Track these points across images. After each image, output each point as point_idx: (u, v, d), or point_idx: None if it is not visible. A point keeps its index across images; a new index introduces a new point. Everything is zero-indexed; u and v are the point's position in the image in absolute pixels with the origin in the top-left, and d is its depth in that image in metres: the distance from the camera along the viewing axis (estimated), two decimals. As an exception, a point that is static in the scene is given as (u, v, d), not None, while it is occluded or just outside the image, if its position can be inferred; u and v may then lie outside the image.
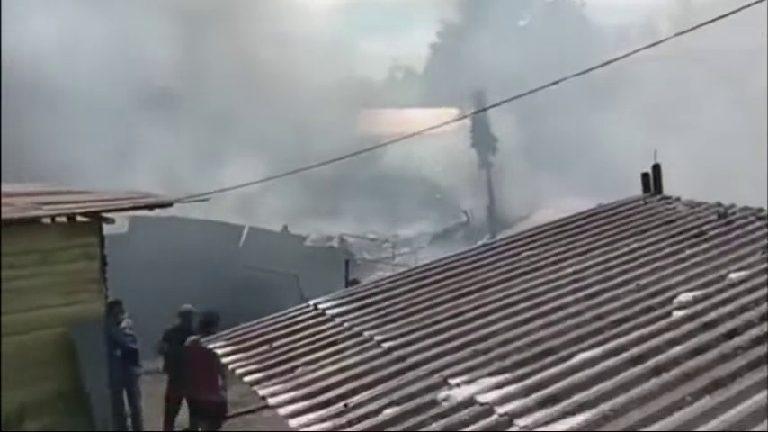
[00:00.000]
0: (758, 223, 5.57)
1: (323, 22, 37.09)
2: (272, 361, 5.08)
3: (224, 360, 5.41)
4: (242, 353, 5.36)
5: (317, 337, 5.27)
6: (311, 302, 5.87)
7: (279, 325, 5.64)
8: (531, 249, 6.18)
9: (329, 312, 5.62)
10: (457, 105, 30.76)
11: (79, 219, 8.41)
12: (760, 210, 5.75)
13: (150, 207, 9.68)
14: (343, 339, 5.12)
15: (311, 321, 5.56)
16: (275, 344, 5.32)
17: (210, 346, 5.71)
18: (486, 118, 28.92)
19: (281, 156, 23.67)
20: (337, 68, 34.89)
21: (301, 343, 5.22)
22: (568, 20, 40.85)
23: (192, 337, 8.92)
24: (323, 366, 4.78)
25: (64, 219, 8.30)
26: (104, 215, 8.55)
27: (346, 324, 5.36)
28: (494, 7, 41.55)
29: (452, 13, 46.10)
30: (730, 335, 4.11)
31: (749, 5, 5.45)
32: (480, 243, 8.23)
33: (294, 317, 5.72)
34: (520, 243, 6.38)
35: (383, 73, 46.60)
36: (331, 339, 5.17)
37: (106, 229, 8.65)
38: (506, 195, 30.80)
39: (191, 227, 15.72)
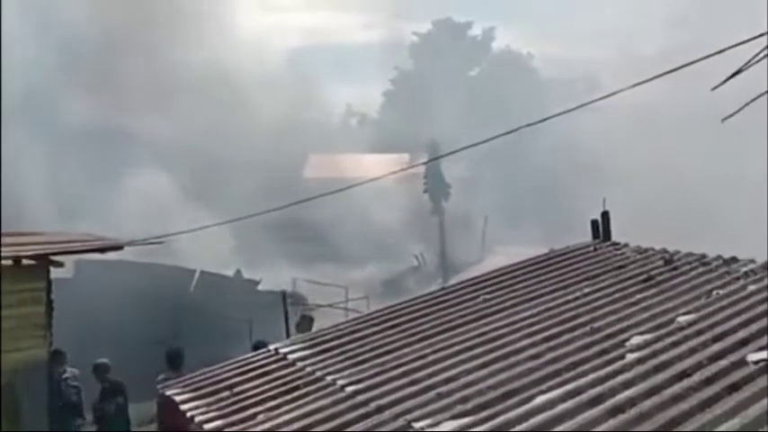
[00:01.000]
0: (701, 269, 5.86)
1: (277, 64, 37.39)
2: (233, 407, 5.02)
3: (182, 407, 5.31)
4: (201, 399, 5.28)
5: (279, 382, 5.24)
6: (272, 347, 5.85)
7: (239, 370, 5.60)
8: (488, 293, 6.33)
9: (291, 357, 5.61)
10: (410, 151, 31.35)
11: (26, 262, 8.20)
12: (703, 256, 6.05)
13: (101, 250, 9.52)
14: (306, 384, 5.11)
15: (272, 366, 5.54)
16: (236, 390, 5.26)
17: (168, 393, 5.61)
18: (439, 165, 29.49)
19: (233, 197, 23.52)
20: (291, 112, 35.13)
21: (263, 389, 5.19)
22: (517, 71, 42.36)
23: (161, 376, 8.84)
24: (286, 412, 4.75)
25: (10, 262, 8.08)
26: (53, 258, 8.37)
27: (308, 369, 5.35)
28: (446, 57, 42.85)
29: (405, 61, 47.30)
30: (681, 376, 4.28)
31: (693, 63, 5.81)
32: (436, 287, 8.36)
33: (255, 362, 5.68)
34: (477, 287, 6.52)
35: (337, 118, 47.13)
36: (293, 384, 5.16)
37: (51, 272, 8.46)
38: (457, 241, 31.23)
39: (140, 270, 15.38)
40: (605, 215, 6.86)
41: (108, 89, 28.37)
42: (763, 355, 4.30)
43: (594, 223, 6.93)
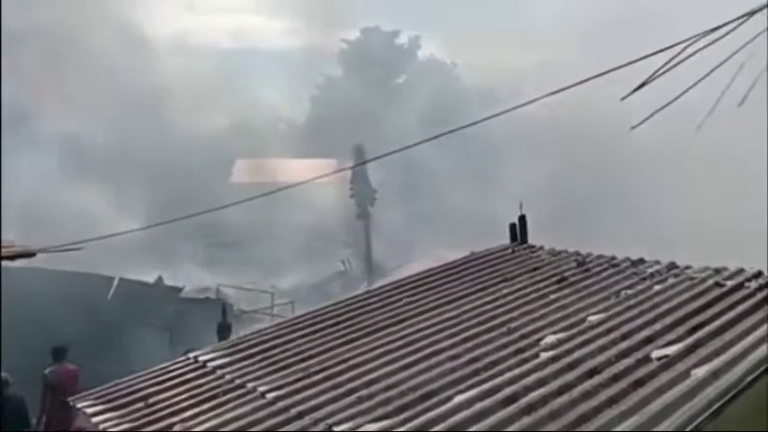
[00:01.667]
0: (611, 270, 6.12)
1: (203, 66, 36.72)
2: (148, 419, 4.88)
3: (94, 420, 5.11)
4: (114, 411, 5.11)
5: (198, 391, 5.13)
6: (191, 355, 5.72)
7: (155, 380, 5.44)
8: (410, 296, 6.40)
9: (210, 365, 5.50)
10: (336, 157, 31.34)
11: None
12: (613, 257, 6.32)
13: (12, 257, 9.07)
14: (225, 392, 5.02)
15: (191, 375, 5.41)
16: (151, 400, 5.12)
17: (79, 405, 5.39)
18: (365, 170, 29.62)
19: (158, 202, 22.90)
20: (218, 116, 34.54)
21: (180, 398, 5.07)
22: (442, 79, 43.09)
23: (47, 370, 9.42)
24: (204, 422, 4.66)
25: None
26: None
27: (228, 376, 5.26)
28: (373, 64, 43.16)
29: (333, 67, 47.36)
30: (591, 373, 4.45)
31: (606, 72, 6.07)
32: (361, 291, 8.39)
33: (172, 371, 5.54)
34: (400, 290, 6.59)
35: (264, 122, 46.55)
36: (212, 393, 5.06)
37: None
38: (383, 246, 31.44)
39: (56, 278, 14.73)
40: (522, 219, 7.06)
41: (19, 87, 27.13)
42: (665, 351, 4.53)
43: (512, 227, 7.13)
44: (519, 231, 7.08)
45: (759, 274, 5.41)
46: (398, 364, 5.07)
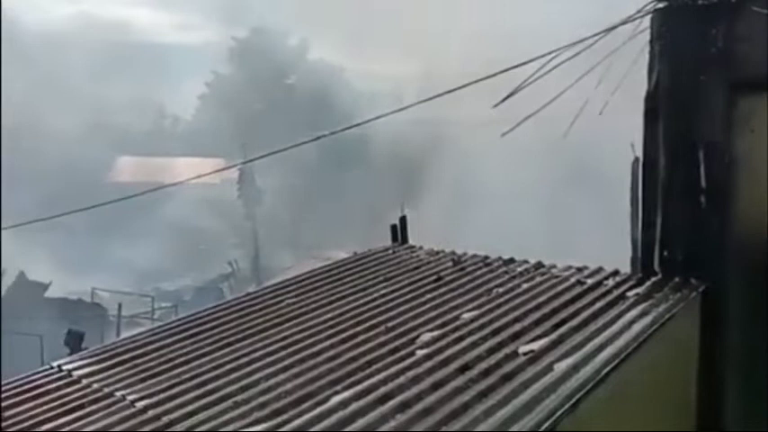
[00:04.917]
0: (485, 269, 6.37)
1: (81, 64, 34.86)
2: (2, 434, 4.54)
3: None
4: (-38, 428, 4.71)
5: (61, 401, 4.83)
6: (54, 364, 5.39)
7: (12, 392, 5.07)
8: (292, 297, 6.35)
9: (76, 374, 5.20)
10: (224, 156, 30.68)
11: None
12: (486, 257, 6.59)
13: None
14: (91, 402, 4.76)
15: (53, 385, 5.09)
16: (7, 413, 4.76)
17: None
18: (252, 170, 29.19)
19: (32, 201, 21.45)
20: (98, 113, 32.91)
21: (39, 410, 4.75)
22: (330, 82, 43.24)
23: None
24: (66, 434, 4.39)
25: None
26: None
27: (96, 385, 5.00)
28: (263, 64, 42.62)
29: (223, 65, 46.34)
30: (463, 369, 4.60)
31: (478, 81, 6.32)
32: (244, 293, 8.23)
33: (32, 381, 5.18)
34: (282, 291, 6.52)
35: (148, 120, 44.69)
36: (77, 403, 4.78)
37: None
38: (273, 247, 31.09)
39: None
40: (403, 219, 7.21)
41: None
42: (532, 346, 4.76)
43: (393, 228, 7.25)
44: (400, 232, 7.21)
45: (616, 273, 5.81)
46: (276, 366, 5.01)
